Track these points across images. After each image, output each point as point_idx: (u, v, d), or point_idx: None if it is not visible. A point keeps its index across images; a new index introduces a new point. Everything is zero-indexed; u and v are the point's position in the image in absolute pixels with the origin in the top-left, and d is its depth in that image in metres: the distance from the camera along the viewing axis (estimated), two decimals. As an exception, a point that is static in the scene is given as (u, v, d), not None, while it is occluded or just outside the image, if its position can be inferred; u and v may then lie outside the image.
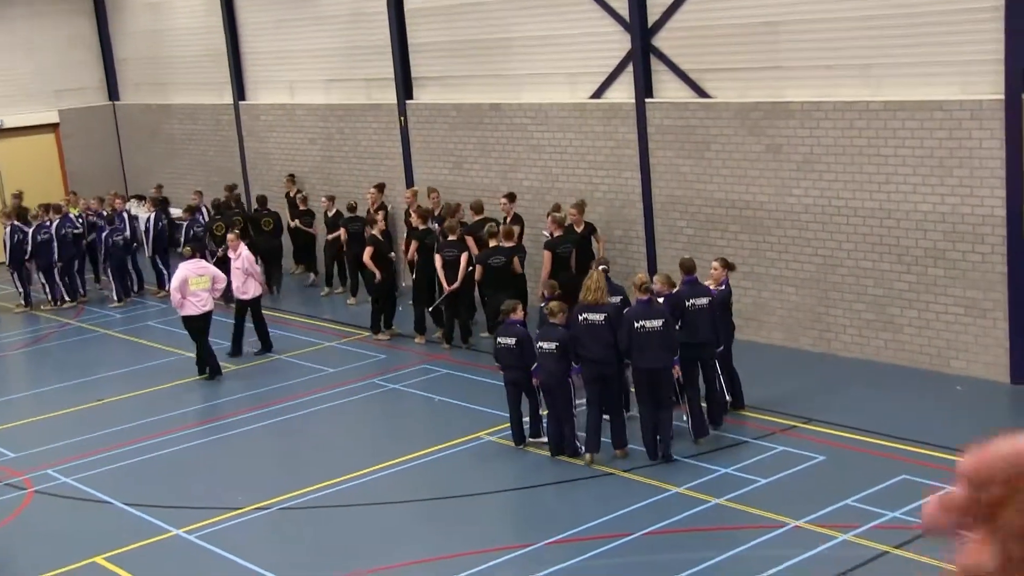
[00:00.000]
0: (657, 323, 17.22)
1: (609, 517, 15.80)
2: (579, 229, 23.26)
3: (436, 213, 25.67)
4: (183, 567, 15.69)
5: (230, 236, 25.05)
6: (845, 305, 21.27)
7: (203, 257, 24.83)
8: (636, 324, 17.23)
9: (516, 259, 22.96)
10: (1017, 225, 18.81)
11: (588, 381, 17.70)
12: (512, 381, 18.29)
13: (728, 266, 18.95)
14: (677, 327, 17.73)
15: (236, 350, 24.38)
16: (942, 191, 19.64)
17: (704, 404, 18.27)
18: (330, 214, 29.19)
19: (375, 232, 24.87)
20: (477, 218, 24.59)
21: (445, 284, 23.42)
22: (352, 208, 27.83)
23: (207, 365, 23.16)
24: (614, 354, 17.47)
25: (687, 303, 18.06)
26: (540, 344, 17.68)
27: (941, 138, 19.54)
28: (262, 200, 30.53)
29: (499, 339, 18.46)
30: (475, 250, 23.49)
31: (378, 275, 24.47)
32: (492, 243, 22.88)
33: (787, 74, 21.69)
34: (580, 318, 17.59)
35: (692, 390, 18.16)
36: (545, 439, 18.41)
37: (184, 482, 18.13)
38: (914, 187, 19.96)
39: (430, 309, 24.04)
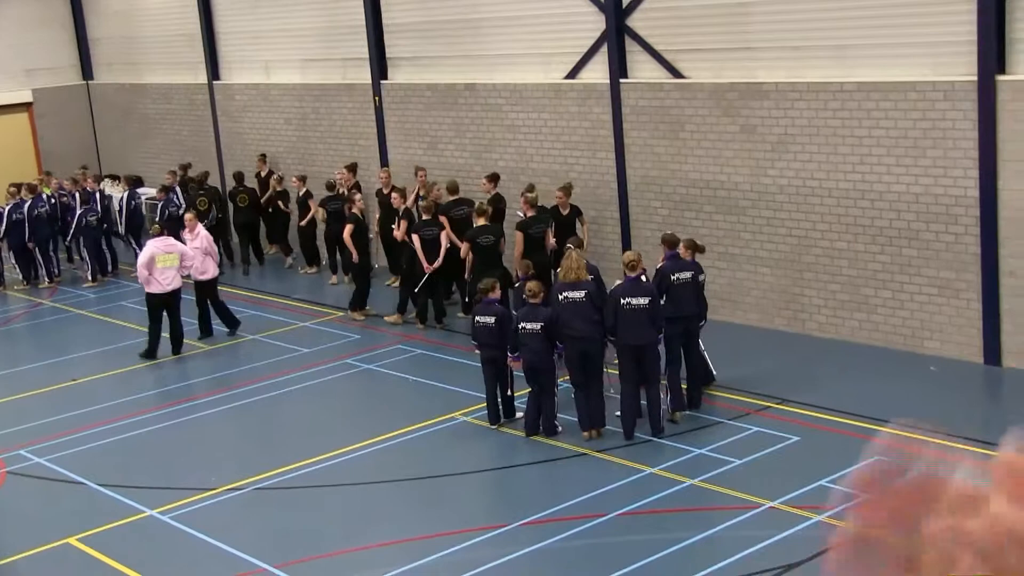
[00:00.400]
0: (643, 300, 17.28)
1: (584, 497, 15.77)
2: (564, 212, 23.14)
3: (421, 193, 25.53)
4: (157, 548, 15.60)
5: (188, 216, 24.93)
6: (819, 285, 21.27)
7: (172, 235, 24.60)
8: (623, 301, 17.27)
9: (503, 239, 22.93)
10: (990, 206, 18.82)
11: (570, 359, 17.67)
12: (489, 359, 18.28)
13: (696, 248, 18.87)
14: (662, 302, 17.78)
15: (206, 331, 24.26)
16: (916, 172, 19.64)
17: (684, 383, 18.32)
18: (300, 193, 29.14)
19: (354, 211, 24.75)
20: (452, 198, 24.50)
21: (425, 263, 23.28)
22: (331, 187, 27.72)
23: (176, 341, 23.32)
24: (597, 330, 17.44)
25: (672, 277, 18.12)
26: (524, 325, 17.58)
27: (915, 119, 19.53)
28: (239, 176, 30.62)
29: (478, 318, 18.43)
30: (449, 230, 23.40)
31: (355, 255, 24.31)
32: (481, 221, 22.70)
33: (761, 55, 21.64)
34: (561, 296, 17.55)
35: (675, 365, 18.21)
36: (520, 415, 18.43)
37: (158, 462, 18.03)
38: (888, 168, 19.96)
39: (415, 290, 23.84)
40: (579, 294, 17.50)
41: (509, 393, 18.59)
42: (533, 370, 17.73)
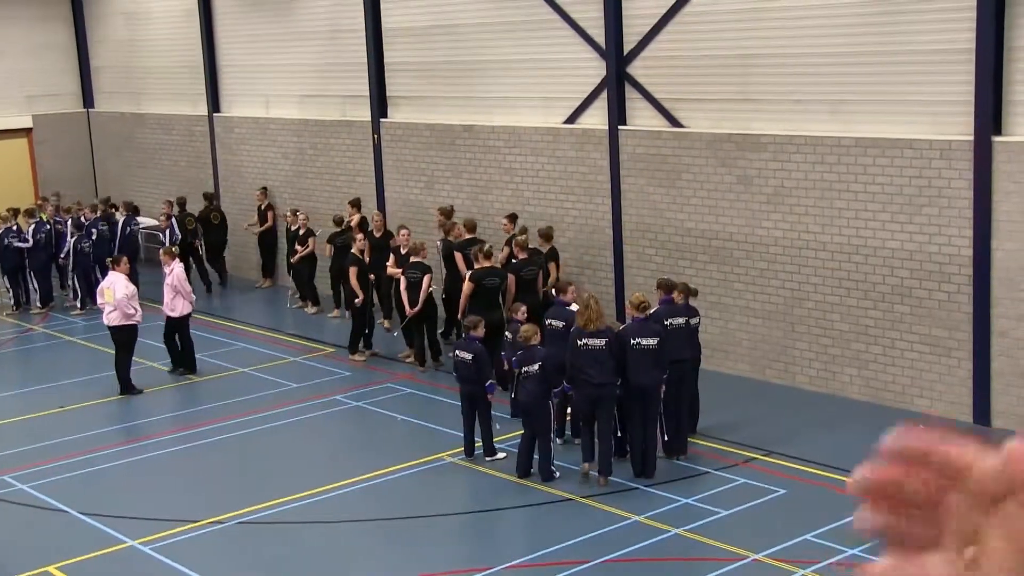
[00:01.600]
0: (652, 341, 17.42)
1: (568, 543, 15.70)
2: (521, 256, 22.83)
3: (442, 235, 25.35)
4: (136, 579, 15.55)
5: (163, 253, 24.62)
6: (811, 339, 21.24)
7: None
8: (632, 341, 17.38)
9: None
10: (983, 265, 18.82)
11: (579, 404, 17.69)
12: (467, 395, 18.57)
13: (689, 291, 18.95)
14: None
15: (188, 365, 24.12)
16: (910, 229, 19.65)
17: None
18: (293, 228, 29.05)
19: (354, 251, 24.62)
20: (468, 236, 24.20)
21: (408, 307, 23.12)
22: (339, 222, 27.55)
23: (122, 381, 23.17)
24: (613, 378, 17.38)
25: (666, 322, 18.15)
26: (525, 369, 17.54)
27: (911, 176, 19.55)
28: (209, 196, 31.44)
29: (458, 353, 18.78)
30: (463, 267, 23.14)
31: (359, 296, 24.18)
32: (487, 264, 22.52)
33: (759, 107, 21.68)
34: (580, 343, 17.46)
35: (670, 408, 18.25)
36: (502, 456, 18.51)
37: (142, 493, 17.91)
38: (883, 224, 19.97)
39: (402, 327, 23.74)
40: (600, 342, 17.39)
41: (495, 428, 18.73)
42: (528, 413, 17.68)
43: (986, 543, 1.31)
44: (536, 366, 17.44)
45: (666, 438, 18.30)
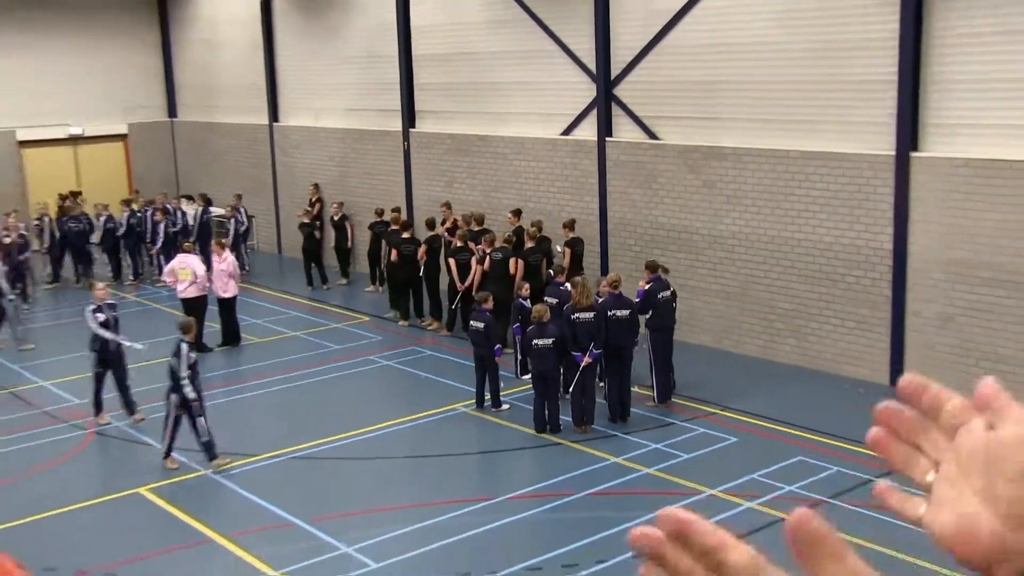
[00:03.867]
0: (625, 312, 17.75)
1: (559, 479, 15.80)
2: (529, 244, 22.90)
3: (448, 225, 25.34)
4: (207, 500, 15.66)
5: (216, 244, 24.38)
6: (760, 315, 21.29)
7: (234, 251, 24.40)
8: (609, 313, 17.57)
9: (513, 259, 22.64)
10: (901, 257, 18.87)
11: (573, 367, 17.66)
12: (479, 356, 18.65)
13: (665, 270, 19.09)
14: (649, 315, 18.37)
15: (232, 338, 23.69)
16: (842, 226, 19.68)
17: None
18: (337, 217, 29.13)
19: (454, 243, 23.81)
20: (478, 228, 24.23)
21: (459, 284, 22.98)
22: (379, 213, 27.55)
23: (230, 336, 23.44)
24: (598, 343, 17.50)
25: (658, 296, 18.46)
26: (536, 342, 17.47)
27: (844, 183, 19.58)
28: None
29: (471, 322, 18.88)
30: (477, 253, 23.15)
31: (458, 284, 23.09)
32: (498, 244, 22.50)
33: (722, 124, 21.68)
34: (574, 317, 17.54)
35: (662, 366, 18.49)
36: (506, 407, 18.62)
37: (213, 431, 17.98)
38: (820, 222, 20.00)
39: (452, 307, 23.70)
40: (589, 315, 17.52)
41: (501, 385, 18.80)
42: (543, 378, 17.59)
43: (941, 467, 1.32)
44: (550, 341, 17.44)
45: (656, 392, 18.57)
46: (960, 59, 18.11)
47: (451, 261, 23.21)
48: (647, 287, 18.53)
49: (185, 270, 22.77)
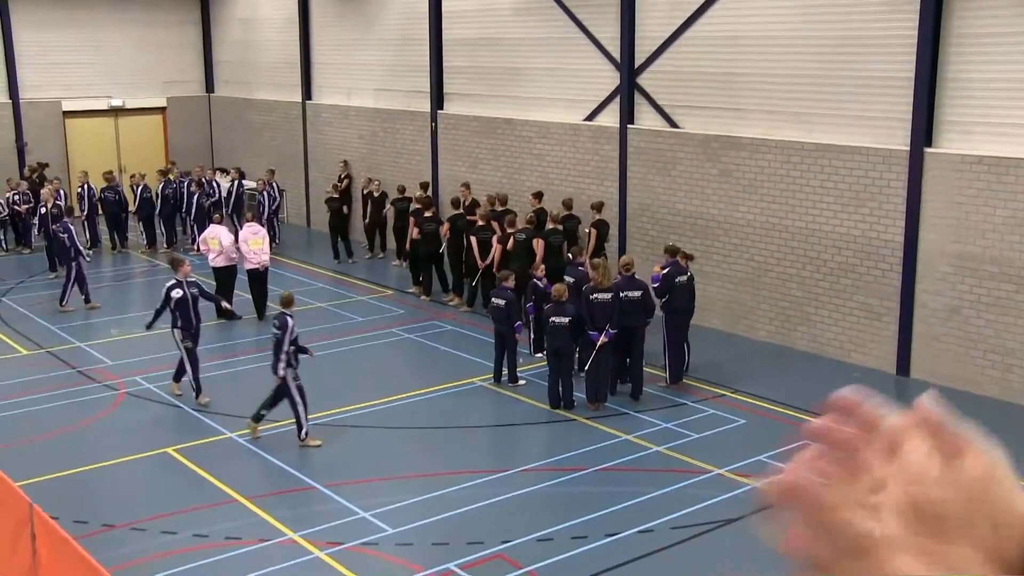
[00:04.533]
0: (637, 293, 17.62)
1: (571, 454, 15.71)
2: (552, 226, 22.70)
3: (467, 204, 25.33)
4: (231, 461, 15.61)
5: (251, 214, 24.25)
6: (772, 302, 21.12)
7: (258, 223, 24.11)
8: (622, 294, 17.46)
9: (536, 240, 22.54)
10: (911, 250, 18.67)
11: (588, 347, 17.48)
12: (499, 332, 18.53)
13: (688, 257, 18.91)
14: (665, 299, 18.21)
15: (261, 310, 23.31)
16: (855, 218, 19.49)
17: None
18: (365, 192, 29.02)
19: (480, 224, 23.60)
20: (502, 208, 24.16)
21: (480, 261, 22.88)
22: (401, 190, 27.53)
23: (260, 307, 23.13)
24: (613, 323, 17.33)
25: (675, 280, 18.28)
26: (553, 319, 17.32)
27: (858, 176, 19.38)
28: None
29: (493, 299, 18.68)
30: (499, 232, 23.02)
31: (479, 261, 22.92)
32: (520, 225, 22.49)
33: (741, 115, 21.49)
34: (592, 297, 17.38)
35: (675, 349, 18.33)
36: (523, 383, 18.49)
37: (239, 397, 17.92)
38: (834, 213, 19.81)
39: (472, 283, 23.63)
40: (607, 296, 17.36)
41: (518, 361, 18.70)
42: (558, 354, 17.44)
43: (887, 490, 1.23)
44: (567, 319, 17.29)
45: (668, 372, 18.44)
46: (976, 58, 17.89)
47: (472, 239, 23.11)
48: (664, 271, 18.35)
49: (215, 239, 22.73)
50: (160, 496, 14.36)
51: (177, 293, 17.94)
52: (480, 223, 23.20)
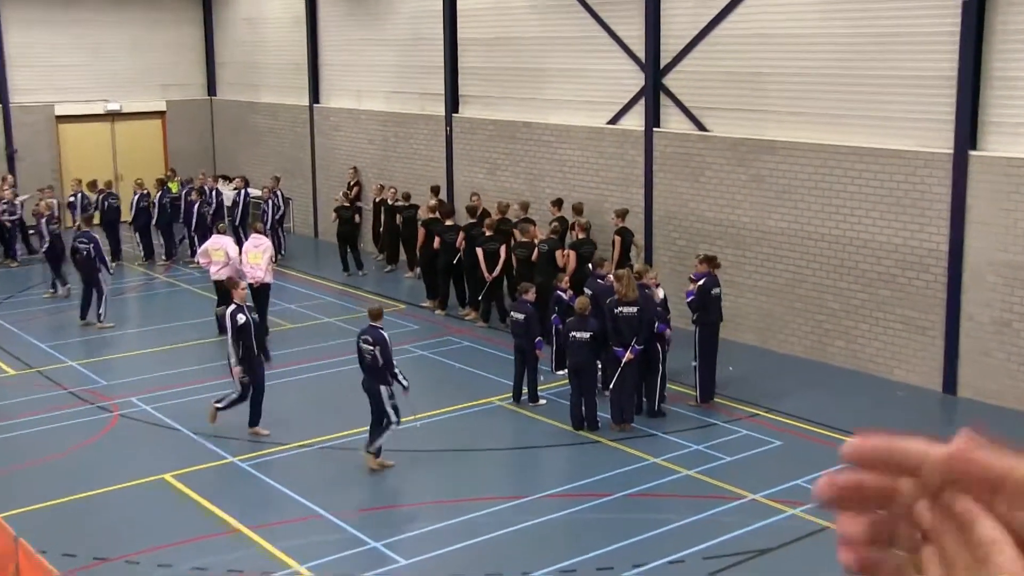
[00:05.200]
0: (632, 310, 17.33)
1: (595, 478, 15.54)
2: (580, 235, 22.57)
3: (479, 212, 25.24)
4: (234, 489, 15.49)
5: (256, 225, 24.23)
6: (808, 315, 20.90)
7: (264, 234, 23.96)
8: (617, 310, 17.36)
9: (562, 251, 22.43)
10: (956, 259, 18.46)
11: (612, 363, 17.31)
12: (519, 348, 18.39)
13: (709, 262, 18.70)
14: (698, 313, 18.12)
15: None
16: (896, 225, 19.28)
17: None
18: (377, 200, 28.92)
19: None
20: (522, 216, 23.94)
21: (487, 274, 22.86)
22: (407, 197, 27.48)
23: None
24: (640, 338, 17.16)
25: (712, 292, 18.15)
26: (574, 334, 17.17)
27: (898, 181, 19.19)
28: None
29: (512, 313, 18.62)
30: (516, 240, 22.90)
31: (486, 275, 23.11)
32: (541, 236, 22.44)
33: (773, 116, 21.31)
34: (616, 311, 17.17)
35: (707, 361, 18.17)
36: (543, 402, 18.36)
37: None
38: (873, 220, 19.60)
39: (479, 298, 23.52)
40: (633, 310, 17.15)
41: (539, 378, 18.55)
42: (579, 371, 17.27)
43: (927, 568, 1.10)
44: (588, 334, 17.11)
45: (698, 391, 18.30)
46: (1023, 55, 17.69)
47: (479, 251, 23.00)
48: (700, 283, 18.11)
49: (219, 251, 22.57)
50: (156, 526, 14.21)
51: (241, 319, 16.89)
52: (488, 233, 23.10)
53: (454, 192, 28.21)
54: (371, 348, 15.73)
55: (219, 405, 17.06)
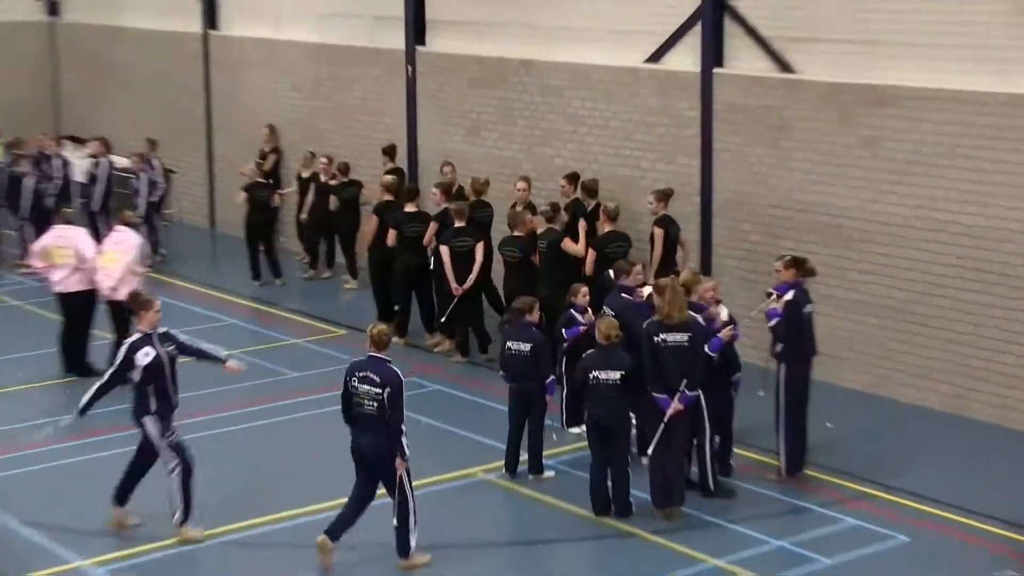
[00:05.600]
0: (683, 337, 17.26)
1: (629, 592, 15.53)
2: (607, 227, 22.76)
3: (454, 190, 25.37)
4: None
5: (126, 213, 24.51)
6: (943, 346, 20.94)
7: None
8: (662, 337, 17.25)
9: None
10: None
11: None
12: (519, 395, 18.37)
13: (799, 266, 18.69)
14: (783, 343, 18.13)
15: None
16: (1083, 215, 19.39)
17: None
18: (304, 175, 28.96)
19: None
20: (521, 206, 24.06)
21: (454, 284, 23.04)
22: (346, 170, 27.55)
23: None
24: (692, 380, 17.08)
25: (804, 310, 18.23)
26: (596, 374, 17.07)
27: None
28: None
29: (509, 343, 18.39)
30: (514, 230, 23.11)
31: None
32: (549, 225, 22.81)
33: (890, 51, 21.46)
34: (657, 339, 17.06)
35: (796, 414, 18.32)
36: (551, 473, 18.55)
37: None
38: (1045, 206, 19.68)
39: (443, 319, 23.64)
40: (682, 337, 17.01)
41: (546, 439, 18.69)
42: (604, 431, 17.14)
43: None
44: (617, 375, 16.99)
45: (783, 460, 18.39)
46: None
47: (443, 249, 23.00)
48: (788, 298, 18.06)
49: (63, 251, 22.44)
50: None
51: (147, 356, 16.39)
52: (457, 224, 23.12)
53: (418, 163, 28.35)
54: (377, 392, 15.22)
55: (179, 517, 16.48)
